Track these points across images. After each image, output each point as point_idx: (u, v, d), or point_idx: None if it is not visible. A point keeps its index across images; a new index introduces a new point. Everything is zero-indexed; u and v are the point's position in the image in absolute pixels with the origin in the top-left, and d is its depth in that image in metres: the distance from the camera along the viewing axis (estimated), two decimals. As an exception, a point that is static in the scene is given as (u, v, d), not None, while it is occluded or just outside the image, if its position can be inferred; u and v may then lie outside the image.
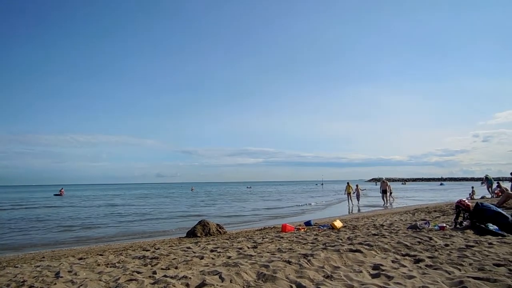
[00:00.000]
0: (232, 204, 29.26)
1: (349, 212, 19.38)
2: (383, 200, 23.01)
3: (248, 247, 5.66)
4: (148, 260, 4.94)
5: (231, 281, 3.33)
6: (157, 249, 6.33)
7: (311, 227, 8.83)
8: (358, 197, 23.62)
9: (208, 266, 4.20)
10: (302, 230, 8.09)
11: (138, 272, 4.02)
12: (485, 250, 4.48)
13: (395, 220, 8.96)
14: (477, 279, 3.23)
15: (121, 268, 4.46)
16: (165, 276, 3.69)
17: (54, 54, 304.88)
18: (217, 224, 10.15)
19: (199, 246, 6.36)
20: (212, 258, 4.82)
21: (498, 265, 3.72)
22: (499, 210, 6.27)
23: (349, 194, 23.49)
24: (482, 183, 29.29)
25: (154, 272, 3.94)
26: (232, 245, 6.14)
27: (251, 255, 4.74)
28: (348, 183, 24.10)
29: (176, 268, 4.22)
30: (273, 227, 10.37)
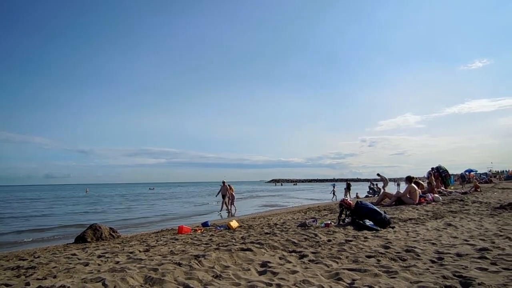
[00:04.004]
0: (131, 206, 27.89)
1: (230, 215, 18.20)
2: (222, 205, 20.30)
3: (140, 251, 5.43)
4: (23, 271, 4.39)
5: (114, 287, 3.16)
6: (36, 258, 5.68)
7: (208, 227, 8.84)
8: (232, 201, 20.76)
9: (92, 273, 3.90)
10: (199, 231, 8.06)
11: (7, 285, 3.55)
12: (360, 244, 4.99)
13: (288, 219, 9.45)
14: (351, 270, 3.59)
15: (-13, 281, 3.91)
16: (39, 286, 3.34)
17: None
18: (111, 228, 9.54)
19: (86, 252, 5.90)
20: (99, 264, 4.50)
21: (369, 257, 4.18)
22: (375, 207, 7.02)
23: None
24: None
25: (27, 284, 3.52)
26: (123, 249, 5.83)
27: (141, 259, 4.56)
28: (229, 185, 20.76)
29: (54, 277, 3.83)
30: (171, 229, 10.15)
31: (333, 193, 29.60)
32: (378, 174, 24.01)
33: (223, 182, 20.18)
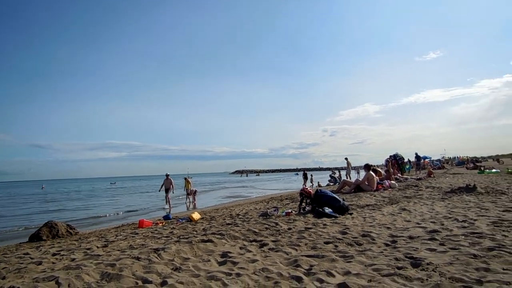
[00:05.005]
0: (90, 202, 27.00)
1: (187, 209, 17.71)
2: (166, 200, 19.16)
3: (98, 247, 5.27)
4: (-32, 274, 4.16)
5: (69, 285, 3.05)
6: (-16, 260, 5.39)
7: (170, 221, 8.74)
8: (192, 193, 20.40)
9: (45, 272, 3.74)
10: (160, 224, 7.95)
11: (-50, 289, 3.35)
12: (319, 231, 5.10)
13: (251, 209, 9.51)
14: (309, 256, 3.68)
15: None
16: (-14, 289, 3.17)
17: None
18: (68, 225, 9.18)
19: (40, 250, 5.66)
20: (53, 263, 4.32)
21: (327, 243, 4.30)
22: (334, 195, 7.19)
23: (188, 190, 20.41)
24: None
25: (-28, 287, 3.34)
26: (80, 246, 5.64)
27: (98, 255, 4.43)
28: (185, 178, 21.25)
29: (3, 278, 3.63)
30: (131, 223, 9.94)
31: (311, 181, 30.25)
32: (346, 158, 24.91)
33: (167, 175, 19.54)
